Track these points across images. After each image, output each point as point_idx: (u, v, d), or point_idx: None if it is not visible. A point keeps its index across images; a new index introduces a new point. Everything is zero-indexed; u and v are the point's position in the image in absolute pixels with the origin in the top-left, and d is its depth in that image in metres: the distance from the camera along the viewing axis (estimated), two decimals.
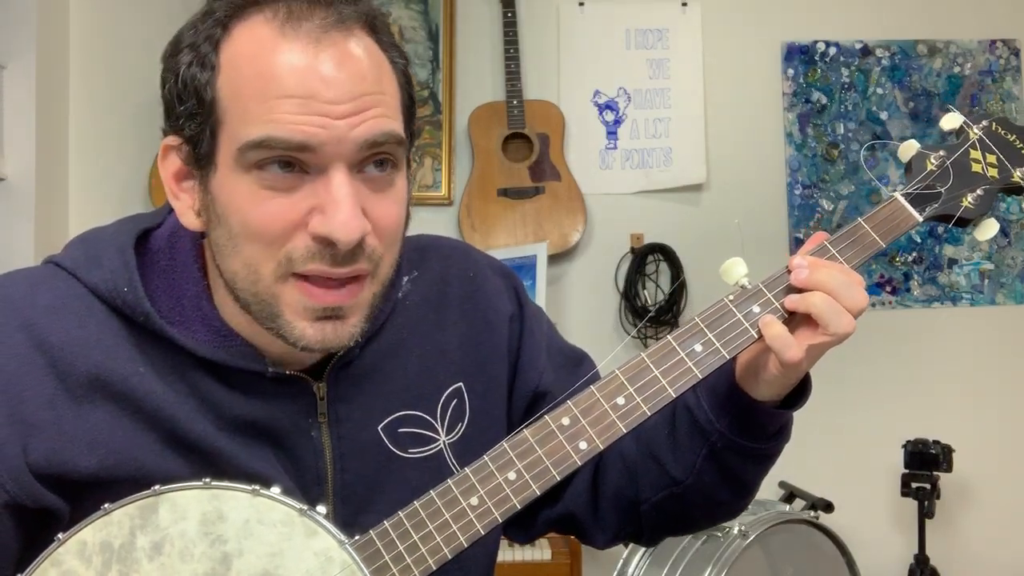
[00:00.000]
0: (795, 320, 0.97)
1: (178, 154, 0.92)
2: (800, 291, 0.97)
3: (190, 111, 0.88)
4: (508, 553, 2.71)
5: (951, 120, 1.09)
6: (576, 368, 1.15)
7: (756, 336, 0.96)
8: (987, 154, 1.06)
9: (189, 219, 0.93)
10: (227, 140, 0.87)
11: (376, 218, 0.89)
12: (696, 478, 1.07)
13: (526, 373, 1.11)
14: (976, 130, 1.07)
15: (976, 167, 1.06)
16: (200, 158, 0.89)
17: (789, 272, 0.98)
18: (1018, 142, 1.08)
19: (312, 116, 0.85)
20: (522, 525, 1.15)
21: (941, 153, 1.05)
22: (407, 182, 0.94)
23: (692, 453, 1.06)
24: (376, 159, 0.89)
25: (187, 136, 0.89)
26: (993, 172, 1.06)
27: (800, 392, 1.03)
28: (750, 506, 2.61)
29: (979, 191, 1.05)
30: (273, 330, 0.90)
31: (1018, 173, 1.06)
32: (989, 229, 1.06)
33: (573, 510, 1.14)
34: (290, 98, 0.85)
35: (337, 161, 0.86)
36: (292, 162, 0.86)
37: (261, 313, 0.90)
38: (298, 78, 0.85)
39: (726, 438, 1.03)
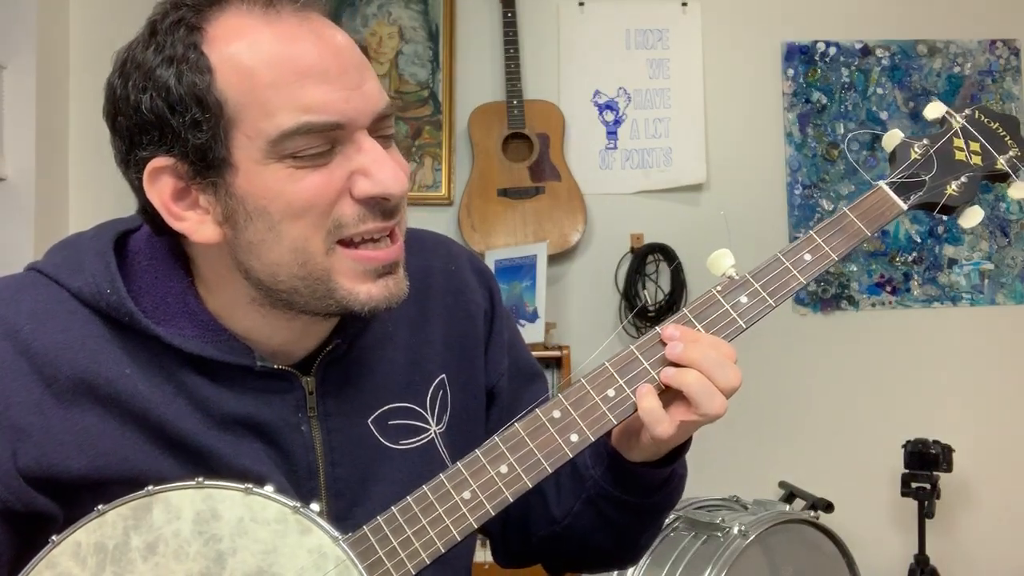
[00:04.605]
0: (671, 392, 0.95)
1: (172, 173, 0.89)
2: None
3: (194, 120, 0.86)
4: None
5: (934, 109, 1.09)
6: (528, 383, 1.16)
7: (635, 407, 0.95)
8: (970, 142, 1.06)
9: (207, 233, 0.90)
10: (247, 137, 0.86)
11: None
12: (573, 520, 1.07)
13: (488, 370, 1.12)
14: (959, 118, 1.07)
15: (960, 155, 1.06)
16: (210, 165, 0.88)
17: (663, 343, 0.96)
18: (1001, 129, 1.08)
19: (338, 92, 0.87)
20: None
21: (925, 142, 1.06)
22: None
23: (571, 496, 1.07)
24: (382, 131, 0.92)
25: (191, 147, 0.87)
26: (977, 159, 1.06)
27: (680, 449, 1.02)
28: (750, 506, 2.65)
29: (963, 178, 1.04)
30: (333, 304, 0.91)
31: (1002, 160, 1.06)
32: (974, 217, 1.06)
33: (487, 525, 1.15)
34: (311, 79, 0.86)
35: (360, 129, 0.89)
36: (325, 139, 0.88)
37: (315, 294, 0.91)
38: (311, 58, 0.86)
39: (600, 487, 1.04)
